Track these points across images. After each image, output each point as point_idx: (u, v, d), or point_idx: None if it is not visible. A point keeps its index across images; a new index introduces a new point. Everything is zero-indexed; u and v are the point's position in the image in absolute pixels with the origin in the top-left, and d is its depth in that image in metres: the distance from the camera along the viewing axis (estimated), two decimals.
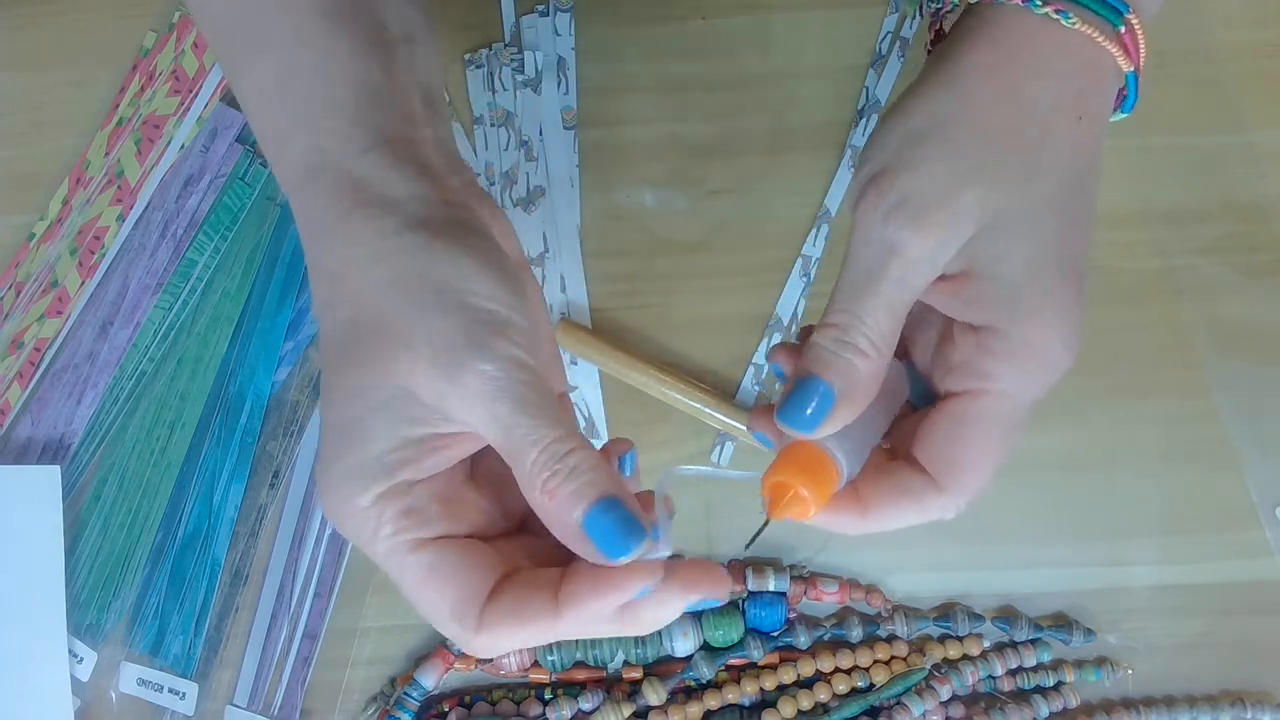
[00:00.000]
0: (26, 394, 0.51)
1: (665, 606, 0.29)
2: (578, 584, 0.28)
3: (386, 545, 0.29)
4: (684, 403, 0.50)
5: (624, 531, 0.28)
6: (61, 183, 0.53)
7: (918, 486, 0.32)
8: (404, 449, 0.29)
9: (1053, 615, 0.50)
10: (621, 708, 0.48)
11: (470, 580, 0.29)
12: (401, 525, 0.29)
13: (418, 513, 0.29)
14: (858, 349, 0.30)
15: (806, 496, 0.30)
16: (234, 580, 0.50)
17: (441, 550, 0.29)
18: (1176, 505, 0.50)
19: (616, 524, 0.28)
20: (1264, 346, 0.51)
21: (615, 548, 0.28)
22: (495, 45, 0.53)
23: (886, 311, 0.30)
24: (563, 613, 0.28)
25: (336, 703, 0.50)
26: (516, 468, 0.29)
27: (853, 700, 0.48)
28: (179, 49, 0.53)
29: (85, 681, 0.50)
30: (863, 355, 0.30)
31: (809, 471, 0.30)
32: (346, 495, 0.29)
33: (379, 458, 0.29)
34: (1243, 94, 0.52)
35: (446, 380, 0.28)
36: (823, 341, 0.30)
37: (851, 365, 0.30)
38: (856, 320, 0.30)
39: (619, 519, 0.28)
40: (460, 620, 0.29)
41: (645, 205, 0.52)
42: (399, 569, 0.29)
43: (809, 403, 0.30)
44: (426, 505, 0.30)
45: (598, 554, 0.28)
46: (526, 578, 0.29)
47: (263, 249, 0.52)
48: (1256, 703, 0.49)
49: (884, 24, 0.53)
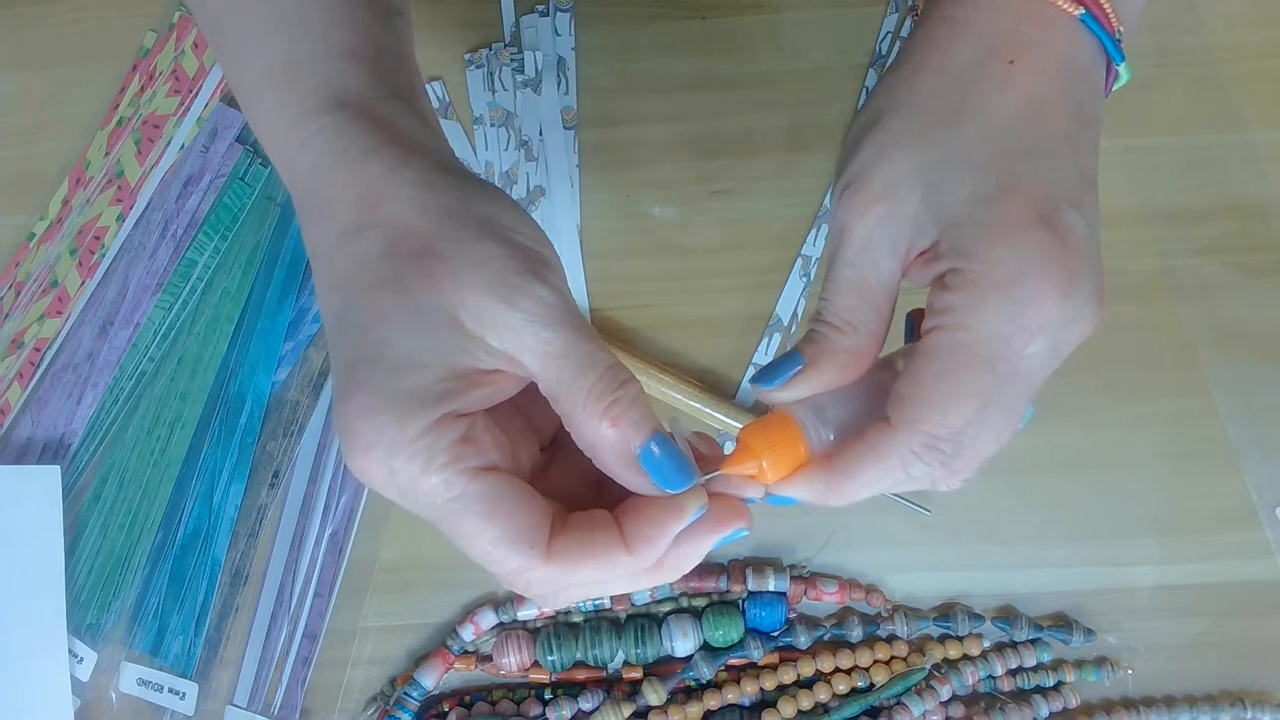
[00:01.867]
0: (26, 394, 0.51)
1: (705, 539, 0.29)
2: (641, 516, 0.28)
3: (443, 476, 0.27)
4: (684, 403, 0.50)
5: (679, 466, 0.28)
6: (61, 183, 0.53)
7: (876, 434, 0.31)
8: (453, 378, 0.28)
9: (1053, 615, 0.50)
10: (621, 708, 0.48)
11: (535, 508, 0.28)
12: (458, 454, 0.27)
13: (473, 441, 0.28)
14: (829, 324, 0.32)
15: (765, 467, 0.31)
16: (234, 580, 0.50)
17: (502, 479, 0.28)
18: (1176, 505, 0.50)
19: (673, 458, 0.28)
20: (1264, 346, 0.51)
21: (672, 480, 0.28)
22: (495, 45, 0.53)
23: (848, 291, 0.31)
24: (632, 545, 0.28)
25: (336, 703, 0.50)
26: (568, 395, 0.28)
27: (853, 700, 0.48)
28: (179, 49, 0.53)
29: (85, 681, 0.50)
30: (835, 330, 0.31)
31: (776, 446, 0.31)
32: (389, 426, 0.27)
33: (430, 385, 0.27)
34: (1243, 94, 0.52)
35: (504, 304, 0.27)
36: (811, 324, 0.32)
37: (823, 338, 0.31)
38: (825, 301, 0.32)
39: (674, 454, 0.28)
40: (530, 546, 0.28)
41: (645, 205, 0.52)
42: (457, 501, 0.27)
43: (778, 365, 0.32)
44: (480, 434, 0.28)
45: (651, 485, 0.28)
46: (586, 516, 0.29)
47: (263, 249, 0.52)
48: (1256, 703, 0.49)
49: (884, 24, 0.53)
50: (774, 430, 0.31)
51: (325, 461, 0.51)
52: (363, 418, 0.27)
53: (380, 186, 0.29)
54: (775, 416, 0.32)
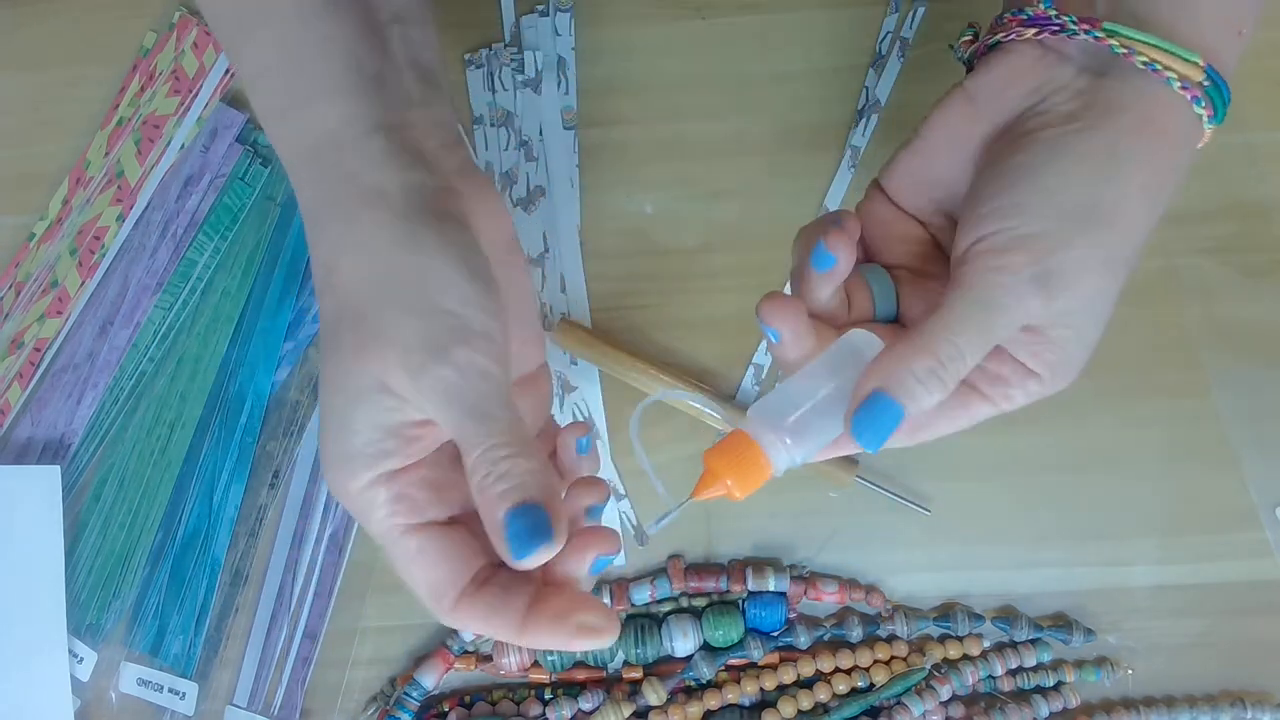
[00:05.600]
0: (26, 394, 0.51)
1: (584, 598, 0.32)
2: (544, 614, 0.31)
3: (380, 527, 0.32)
4: (684, 402, 0.50)
5: (532, 534, 0.29)
6: (61, 183, 0.53)
7: None
8: (384, 439, 0.31)
9: (1053, 615, 0.50)
10: (621, 708, 0.48)
11: (450, 568, 0.32)
12: (393, 510, 0.31)
13: (407, 499, 0.32)
14: (945, 385, 0.31)
15: (730, 486, 0.31)
16: (234, 580, 0.50)
17: (428, 537, 0.32)
18: (1176, 505, 0.50)
19: (527, 526, 0.29)
20: (1264, 346, 0.51)
21: (520, 548, 0.29)
22: (495, 45, 0.53)
23: (983, 351, 0.31)
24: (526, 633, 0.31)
25: (336, 703, 0.50)
26: (464, 462, 0.31)
27: (853, 700, 0.48)
28: (179, 49, 0.53)
29: (85, 681, 0.50)
30: (945, 392, 0.31)
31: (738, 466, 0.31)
32: (342, 479, 0.31)
33: (362, 448, 0.31)
34: (1243, 94, 0.52)
35: (410, 378, 0.30)
36: (916, 366, 0.30)
37: (932, 399, 0.31)
38: (959, 355, 0.30)
39: (532, 522, 0.29)
40: (436, 602, 0.32)
41: (645, 206, 0.52)
42: (389, 548, 0.32)
43: (880, 422, 0.30)
44: (415, 492, 0.32)
45: (508, 553, 0.30)
46: (506, 583, 0.32)
47: (263, 249, 0.52)
48: (1256, 703, 0.49)
49: (884, 24, 0.53)
50: (733, 450, 0.31)
51: None
52: (325, 469, 0.32)
53: (335, 254, 0.32)
54: (733, 436, 0.32)
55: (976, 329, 0.30)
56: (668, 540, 0.51)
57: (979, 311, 0.30)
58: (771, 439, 0.31)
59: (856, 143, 0.52)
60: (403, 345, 0.30)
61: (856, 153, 0.52)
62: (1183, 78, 0.31)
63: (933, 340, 0.30)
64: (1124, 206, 0.31)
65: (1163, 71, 0.31)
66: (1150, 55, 0.31)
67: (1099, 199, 0.31)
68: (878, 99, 0.52)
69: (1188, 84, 0.31)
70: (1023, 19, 0.34)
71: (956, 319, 0.30)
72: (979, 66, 0.35)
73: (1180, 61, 0.31)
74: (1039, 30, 0.33)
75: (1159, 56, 0.31)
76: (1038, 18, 0.33)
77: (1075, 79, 0.33)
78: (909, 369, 0.30)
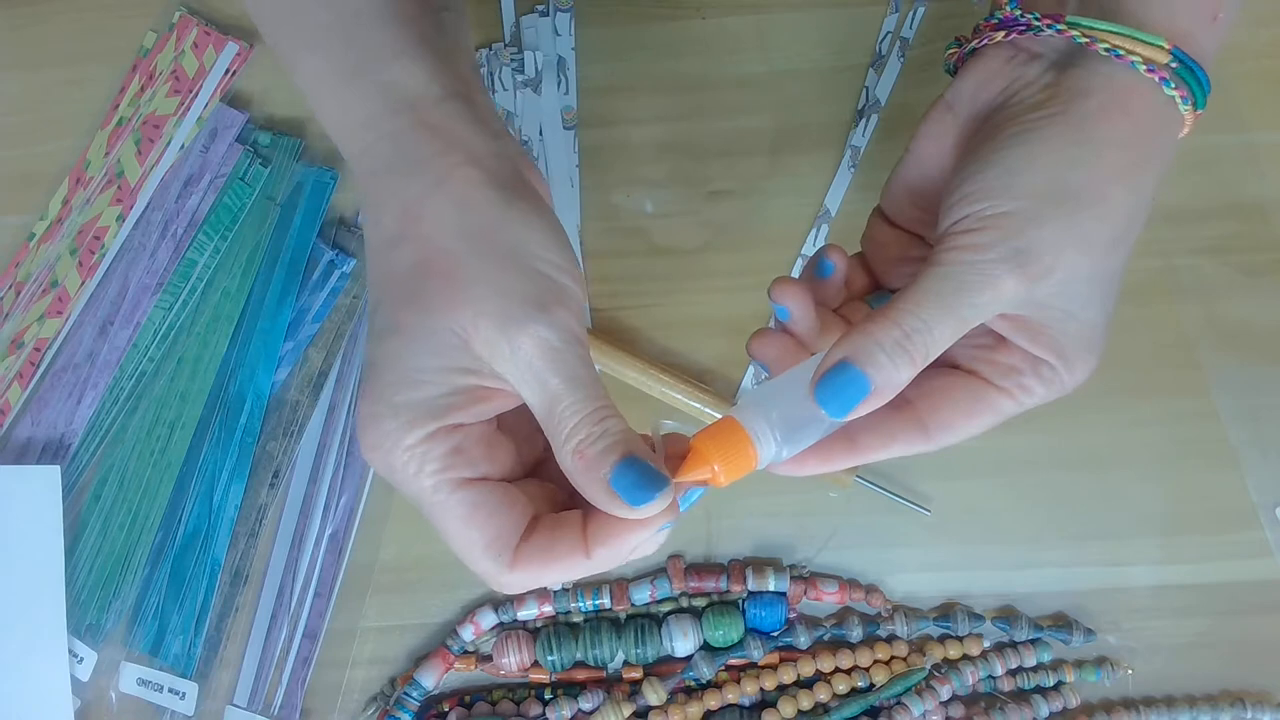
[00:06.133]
0: (26, 394, 0.51)
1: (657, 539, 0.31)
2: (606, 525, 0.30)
3: (432, 481, 0.30)
4: (684, 403, 0.50)
5: (645, 485, 0.29)
6: (61, 183, 0.53)
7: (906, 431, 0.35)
8: (454, 394, 0.30)
9: (1053, 615, 0.50)
10: (621, 708, 0.48)
11: (507, 519, 0.31)
12: (448, 464, 0.30)
13: (463, 453, 0.31)
14: (912, 357, 0.31)
15: (717, 471, 0.31)
16: (234, 580, 0.50)
17: (482, 490, 0.31)
18: (1176, 505, 0.50)
19: (639, 477, 0.29)
20: (1264, 346, 0.51)
21: (638, 498, 0.29)
22: (495, 45, 0.53)
23: (953, 329, 0.31)
24: (593, 552, 0.30)
25: (336, 703, 0.50)
26: (552, 431, 0.30)
27: (853, 700, 0.48)
28: (179, 49, 0.53)
29: (85, 681, 0.50)
30: (912, 365, 0.31)
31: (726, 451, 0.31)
32: (392, 432, 0.30)
33: (432, 399, 0.30)
34: (1243, 94, 0.52)
35: (505, 339, 0.29)
36: (881, 337, 0.31)
37: (898, 371, 0.31)
38: (925, 329, 0.31)
39: (641, 472, 0.29)
40: (496, 556, 0.30)
41: (645, 206, 0.52)
42: (441, 505, 0.30)
43: (846, 391, 0.31)
44: (470, 447, 0.31)
45: (623, 506, 0.29)
46: (554, 520, 0.31)
47: (263, 249, 0.52)
48: (1256, 703, 0.49)
49: (884, 24, 0.53)
50: (722, 435, 0.32)
51: (325, 461, 0.51)
52: (372, 420, 0.30)
53: (422, 202, 0.31)
54: (724, 422, 0.32)
55: (942, 304, 0.31)
56: (668, 540, 0.51)
57: (946, 286, 0.31)
58: (763, 428, 0.32)
59: (856, 143, 0.52)
60: (500, 303, 0.29)
61: (856, 153, 0.52)
62: (1148, 60, 0.31)
63: (898, 313, 0.31)
64: (1098, 188, 0.31)
65: (1126, 56, 0.31)
66: (1112, 42, 0.32)
67: (1068, 179, 0.31)
68: (878, 99, 0.52)
69: (1154, 66, 0.31)
70: (993, 23, 0.35)
71: (923, 293, 0.31)
72: (958, 74, 0.36)
73: (1144, 45, 0.31)
74: (1007, 31, 0.34)
75: (1121, 42, 0.32)
76: (1006, 20, 0.34)
77: (1043, 74, 0.33)
78: (874, 339, 0.31)
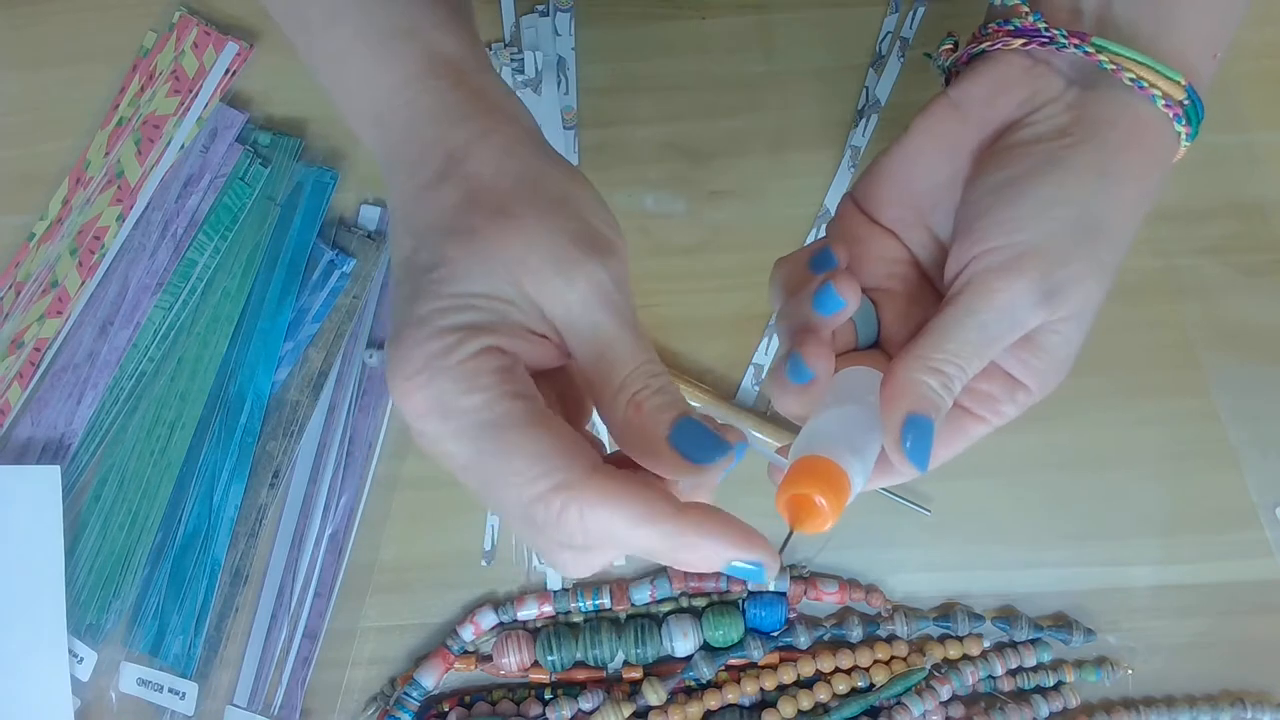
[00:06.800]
0: (26, 394, 0.51)
1: None
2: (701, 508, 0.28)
3: (485, 396, 0.27)
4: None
5: (709, 442, 0.28)
6: (61, 183, 0.53)
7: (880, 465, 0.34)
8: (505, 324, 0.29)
9: (1053, 615, 0.50)
10: (621, 708, 0.48)
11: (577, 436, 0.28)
12: (502, 378, 0.28)
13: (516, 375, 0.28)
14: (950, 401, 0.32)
15: (824, 506, 0.29)
16: (234, 580, 0.50)
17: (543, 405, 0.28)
18: (1176, 505, 0.50)
19: (703, 434, 0.28)
20: (1264, 346, 0.51)
21: (702, 454, 0.28)
22: (495, 45, 0.53)
23: (983, 365, 0.32)
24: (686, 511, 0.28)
25: (336, 703, 0.50)
26: (603, 378, 0.29)
27: (853, 700, 0.48)
28: (179, 49, 0.53)
29: (85, 681, 0.50)
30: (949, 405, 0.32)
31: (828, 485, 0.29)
32: (439, 352, 0.27)
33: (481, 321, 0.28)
34: (1243, 94, 0.52)
35: (562, 277, 0.28)
36: (932, 384, 0.31)
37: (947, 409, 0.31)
38: (962, 374, 0.31)
39: (704, 431, 0.28)
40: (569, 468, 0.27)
41: (645, 206, 0.52)
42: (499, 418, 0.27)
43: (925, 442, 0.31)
44: (523, 374, 0.29)
45: (682, 462, 0.28)
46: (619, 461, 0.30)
47: (263, 249, 0.52)
48: (1256, 703, 0.49)
49: (884, 24, 0.53)
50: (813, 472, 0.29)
51: (325, 461, 0.51)
52: (414, 345, 0.28)
53: (467, 147, 0.30)
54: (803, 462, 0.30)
55: (979, 353, 0.31)
56: None
57: (982, 337, 0.31)
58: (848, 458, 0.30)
59: (856, 143, 0.52)
60: (556, 241, 0.28)
61: (856, 153, 0.52)
62: (1166, 95, 0.32)
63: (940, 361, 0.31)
64: (1115, 219, 0.32)
65: (1149, 89, 0.32)
66: (1137, 72, 0.32)
67: (1093, 211, 0.31)
68: (878, 99, 0.52)
69: (1170, 102, 0.32)
70: (1010, 29, 0.34)
71: (961, 343, 0.31)
72: (965, 75, 0.35)
73: (1165, 80, 0.32)
74: (1027, 41, 0.33)
75: (1145, 74, 0.32)
76: (1026, 29, 0.34)
77: (1065, 91, 0.33)
78: (929, 387, 0.31)
